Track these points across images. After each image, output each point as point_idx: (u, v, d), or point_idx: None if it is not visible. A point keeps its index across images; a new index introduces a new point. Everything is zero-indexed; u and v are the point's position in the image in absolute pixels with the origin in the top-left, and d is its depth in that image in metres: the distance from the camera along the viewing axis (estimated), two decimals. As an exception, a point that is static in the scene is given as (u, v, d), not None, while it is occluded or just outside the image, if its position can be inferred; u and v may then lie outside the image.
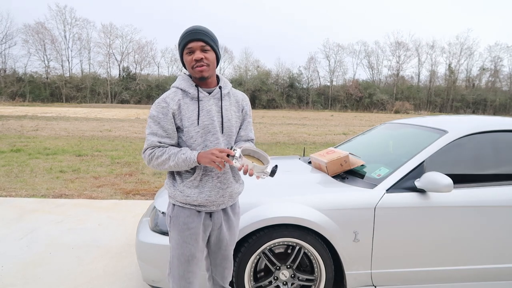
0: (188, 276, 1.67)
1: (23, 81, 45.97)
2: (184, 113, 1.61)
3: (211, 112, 1.63)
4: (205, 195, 1.63)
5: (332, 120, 25.71)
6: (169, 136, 1.62)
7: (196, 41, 1.57)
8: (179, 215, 1.66)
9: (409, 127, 3.02)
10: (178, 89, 1.65)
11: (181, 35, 1.61)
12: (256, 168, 1.49)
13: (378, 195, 2.24)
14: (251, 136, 1.82)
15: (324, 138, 13.58)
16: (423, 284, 2.33)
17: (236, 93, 1.79)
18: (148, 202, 4.69)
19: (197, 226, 1.66)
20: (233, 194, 1.73)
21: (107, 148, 9.48)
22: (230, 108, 1.71)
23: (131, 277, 2.76)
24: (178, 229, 1.66)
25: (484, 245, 2.30)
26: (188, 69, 1.63)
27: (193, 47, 1.58)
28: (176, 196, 1.65)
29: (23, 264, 2.90)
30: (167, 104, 1.60)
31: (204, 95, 1.64)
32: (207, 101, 1.64)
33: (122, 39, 54.28)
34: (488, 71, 55.88)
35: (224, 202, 1.70)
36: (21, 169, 6.46)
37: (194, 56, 1.58)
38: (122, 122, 18.36)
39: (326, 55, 58.39)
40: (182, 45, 1.60)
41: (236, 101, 1.76)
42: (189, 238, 1.65)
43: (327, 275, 2.24)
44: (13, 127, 14.01)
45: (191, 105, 1.62)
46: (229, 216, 1.76)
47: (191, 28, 1.61)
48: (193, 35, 1.58)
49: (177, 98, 1.62)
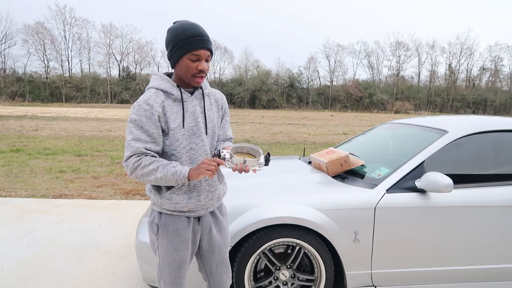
0: (180, 281, 1.64)
1: (23, 81, 45.97)
2: (169, 115, 1.51)
3: (195, 113, 1.57)
4: (195, 200, 1.58)
5: (332, 120, 25.71)
6: (154, 141, 1.49)
7: (206, 49, 1.49)
8: (168, 223, 1.59)
9: (409, 127, 3.02)
10: (158, 90, 1.53)
11: (186, 35, 1.46)
12: (249, 162, 1.46)
13: (378, 195, 2.23)
14: (229, 135, 1.77)
15: (324, 138, 13.58)
16: (423, 284, 2.33)
17: (215, 93, 1.73)
18: (148, 202, 4.69)
19: (187, 232, 1.61)
20: (220, 196, 1.70)
21: (107, 148, 9.48)
22: (211, 108, 1.66)
23: (131, 277, 2.75)
24: (168, 237, 1.59)
25: (484, 245, 2.29)
26: (185, 74, 1.52)
27: (201, 55, 1.48)
28: (164, 204, 1.57)
29: (23, 264, 2.90)
30: (150, 106, 1.47)
31: (187, 96, 1.57)
32: (190, 102, 1.57)
33: (122, 39, 54.29)
34: (488, 71, 55.92)
35: (212, 204, 1.66)
36: (21, 169, 6.46)
37: (200, 66, 1.49)
38: (122, 122, 18.35)
39: (326, 55, 58.39)
40: (188, 48, 1.47)
41: (215, 100, 1.70)
42: (180, 245, 1.60)
43: (327, 275, 2.24)
44: (13, 127, 14.01)
45: (175, 106, 1.53)
46: (218, 218, 1.72)
47: (198, 31, 1.48)
48: (204, 42, 1.48)
49: (160, 100, 1.50)
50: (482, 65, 55.85)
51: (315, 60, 57.68)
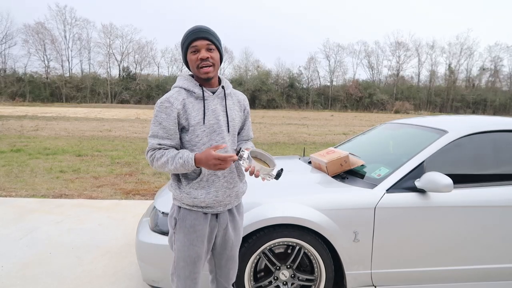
0: (194, 277, 1.67)
1: (23, 81, 45.99)
2: (189, 112, 1.59)
3: (216, 111, 1.63)
4: (213, 196, 1.62)
5: (332, 120, 25.72)
6: (169, 137, 1.58)
7: (201, 39, 1.56)
8: (186, 218, 1.64)
9: (409, 127, 3.02)
10: (181, 88, 1.63)
11: (184, 34, 1.59)
12: (262, 170, 1.52)
13: (378, 195, 2.23)
14: (251, 135, 1.87)
15: (324, 138, 13.58)
16: (423, 284, 2.33)
17: (237, 93, 1.80)
18: (148, 202, 4.69)
19: (203, 228, 1.65)
20: (239, 194, 1.73)
21: (107, 148, 9.48)
22: (234, 107, 1.72)
23: (131, 277, 2.76)
24: (185, 232, 1.64)
25: (484, 245, 2.30)
26: (192, 69, 1.61)
27: (198, 45, 1.56)
28: (183, 198, 1.63)
29: (23, 264, 2.90)
30: (171, 104, 1.57)
31: (209, 94, 1.63)
32: (212, 101, 1.63)
33: (122, 39, 54.39)
34: (488, 71, 55.95)
35: (230, 202, 1.69)
36: (21, 169, 6.46)
37: (199, 55, 1.56)
38: (122, 122, 18.36)
39: (326, 55, 58.53)
40: (187, 44, 1.58)
41: (238, 100, 1.77)
42: (195, 241, 1.64)
43: (327, 275, 2.24)
44: (13, 127, 14.01)
45: (196, 104, 1.60)
46: (234, 216, 1.76)
47: (195, 27, 1.59)
48: (198, 33, 1.56)
49: (181, 98, 1.59)
50: (482, 65, 55.94)
51: (315, 60, 57.84)
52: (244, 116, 1.80)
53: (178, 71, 55.57)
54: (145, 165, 7.21)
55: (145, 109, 35.16)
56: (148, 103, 48.77)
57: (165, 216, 2.23)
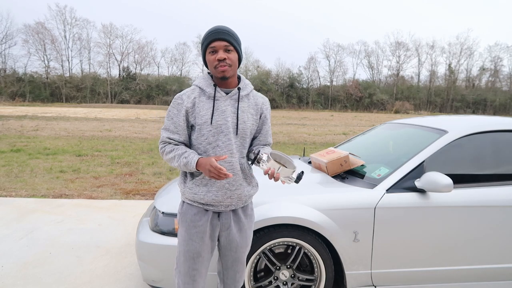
0: (193, 274, 1.68)
1: (23, 81, 45.98)
2: (198, 111, 1.62)
3: (225, 112, 1.63)
4: (212, 195, 1.64)
5: (332, 120, 25.72)
6: (178, 133, 1.64)
7: (219, 40, 1.58)
8: (187, 212, 1.69)
9: (409, 127, 3.02)
10: (197, 87, 1.67)
11: (204, 34, 1.63)
12: (282, 172, 1.51)
13: (378, 195, 2.24)
14: (269, 141, 1.82)
15: (324, 138, 13.58)
16: (423, 284, 2.33)
17: (257, 96, 1.77)
18: (148, 202, 4.69)
19: (203, 224, 1.66)
20: (242, 197, 1.70)
21: (107, 148, 9.48)
22: (248, 110, 1.69)
23: (131, 277, 2.76)
24: (186, 226, 1.68)
25: (484, 245, 2.30)
26: (210, 68, 1.63)
27: (216, 46, 1.58)
28: (185, 193, 1.68)
29: (23, 264, 2.91)
30: (182, 100, 1.63)
31: (221, 95, 1.64)
32: (223, 101, 1.64)
33: (122, 39, 54.44)
34: (488, 71, 55.96)
35: (232, 203, 1.69)
36: (21, 169, 6.46)
37: (217, 56, 1.58)
38: (122, 122, 18.36)
39: (326, 55, 58.52)
40: (206, 44, 1.61)
41: (255, 104, 1.73)
42: (195, 236, 1.66)
43: (327, 275, 2.24)
44: (13, 127, 14.01)
45: (206, 103, 1.63)
46: (240, 217, 1.75)
47: (215, 27, 1.61)
48: (216, 34, 1.58)
49: (193, 96, 1.64)
50: (482, 65, 55.94)
51: (315, 60, 57.84)
52: (260, 120, 1.76)
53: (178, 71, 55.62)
54: (145, 165, 7.22)
55: (145, 109, 35.17)
56: (148, 103, 48.81)
57: (165, 216, 2.24)
